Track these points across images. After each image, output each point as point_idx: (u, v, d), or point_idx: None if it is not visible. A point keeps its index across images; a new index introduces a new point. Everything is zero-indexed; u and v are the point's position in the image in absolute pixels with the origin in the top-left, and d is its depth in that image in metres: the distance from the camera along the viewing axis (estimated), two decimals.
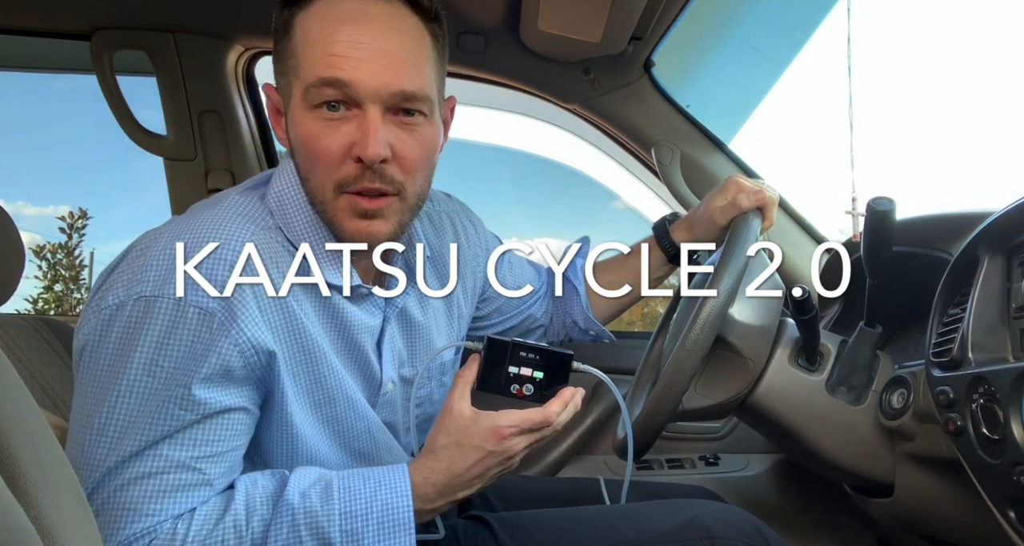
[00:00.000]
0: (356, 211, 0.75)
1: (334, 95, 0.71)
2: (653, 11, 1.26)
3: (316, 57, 0.71)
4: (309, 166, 0.74)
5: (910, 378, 0.92)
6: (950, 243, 0.96)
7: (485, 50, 1.43)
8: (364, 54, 0.71)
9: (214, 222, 0.73)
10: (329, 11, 0.73)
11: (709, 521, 0.84)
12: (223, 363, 0.69)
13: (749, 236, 0.95)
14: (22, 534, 0.30)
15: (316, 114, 0.72)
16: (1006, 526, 0.72)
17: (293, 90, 0.73)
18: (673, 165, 1.49)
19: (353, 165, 0.73)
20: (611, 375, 1.59)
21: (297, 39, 0.73)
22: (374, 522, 0.72)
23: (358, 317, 0.81)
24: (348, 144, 0.72)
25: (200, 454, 0.70)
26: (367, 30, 0.72)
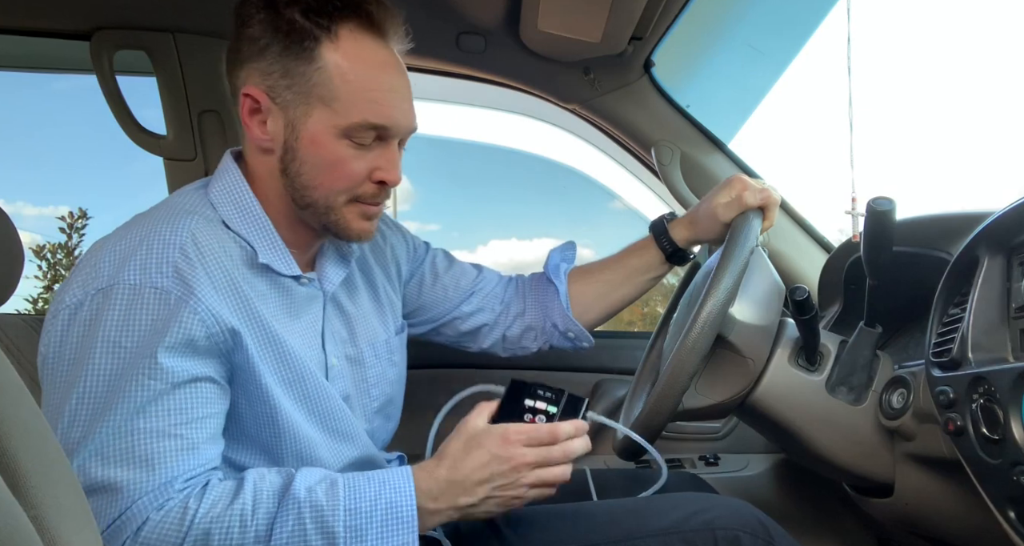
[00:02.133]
0: (364, 215, 0.88)
1: (376, 135, 0.84)
2: (653, 11, 1.26)
3: (361, 101, 0.82)
4: (325, 179, 0.84)
5: (910, 378, 0.92)
6: (950, 243, 0.96)
7: (485, 50, 1.43)
8: (398, 102, 0.85)
9: (160, 218, 0.80)
10: (364, 55, 0.83)
11: (711, 514, 0.84)
12: (185, 333, 0.74)
13: (750, 235, 0.95)
14: (22, 534, 0.30)
15: (346, 143, 0.83)
16: (1006, 526, 0.72)
17: (315, 113, 0.82)
18: (673, 165, 1.49)
19: (372, 185, 0.86)
20: (611, 375, 1.61)
21: (332, 73, 0.81)
22: (378, 519, 0.73)
23: (304, 301, 0.88)
24: (372, 168, 0.85)
25: (177, 421, 0.73)
26: (398, 78, 0.86)
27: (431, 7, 1.36)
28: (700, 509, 0.86)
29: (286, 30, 0.81)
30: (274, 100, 0.83)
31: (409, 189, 14.61)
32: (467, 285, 1.18)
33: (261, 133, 0.84)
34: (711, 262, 1.07)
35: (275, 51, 0.81)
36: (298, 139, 0.83)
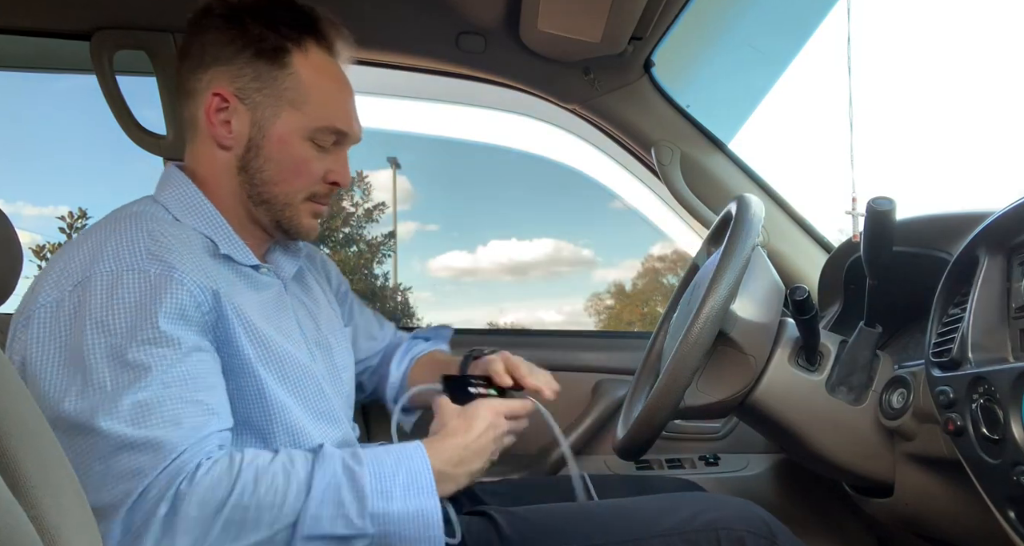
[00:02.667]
0: (314, 213, 0.95)
1: (335, 140, 0.93)
2: (653, 11, 1.26)
3: (327, 108, 0.91)
4: (287, 176, 0.91)
5: (910, 378, 0.92)
6: (950, 243, 0.96)
7: (485, 50, 1.43)
8: (354, 113, 0.96)
9: (115, 221, 0.83)
10: (328, 69, 0.93)
11: (715, 514, 0.85)
12: (177, 303, 0.77)
13: (751, 232, 0.95)
14: (22, 534, 0.30)
15: (309, 144, 0.91)
16: (1006, 526, 0.72)
17: (284, 114, 0.89)
18: (673, 165, 1.49)
19: (326, 185, 0.94)
20: (611, 375, 1.61)
21: (303, 79, 0.89)
22: (400, 483, 0.78)
23: (266, 289, 0.92)
24: (326, 170, 0.93)
25: (195, 387, 0.75)
26: (351, 93, 0.97)
27: (431, 7, 1.36)
28: (703, 509, 0.86)
29: (257, 38, 0.88)
30: (243, 101, 0.88)
31: (409, 189, 14.61)
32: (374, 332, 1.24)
33: (225, 131, 0.89)
34: (711, 262, 1.07)
35: (246, 56, 0.88)
36: (264, 138, 0.89)
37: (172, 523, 0.69)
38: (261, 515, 0.72)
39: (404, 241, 13.77)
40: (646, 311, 12.57)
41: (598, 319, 13.62)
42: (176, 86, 0.94)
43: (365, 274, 12.46)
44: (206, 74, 0.89)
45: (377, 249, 12.48)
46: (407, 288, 12.78)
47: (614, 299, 13.74)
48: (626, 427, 1.05)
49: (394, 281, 12.71)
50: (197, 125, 0.91)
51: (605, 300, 13.89)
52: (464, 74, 1.52)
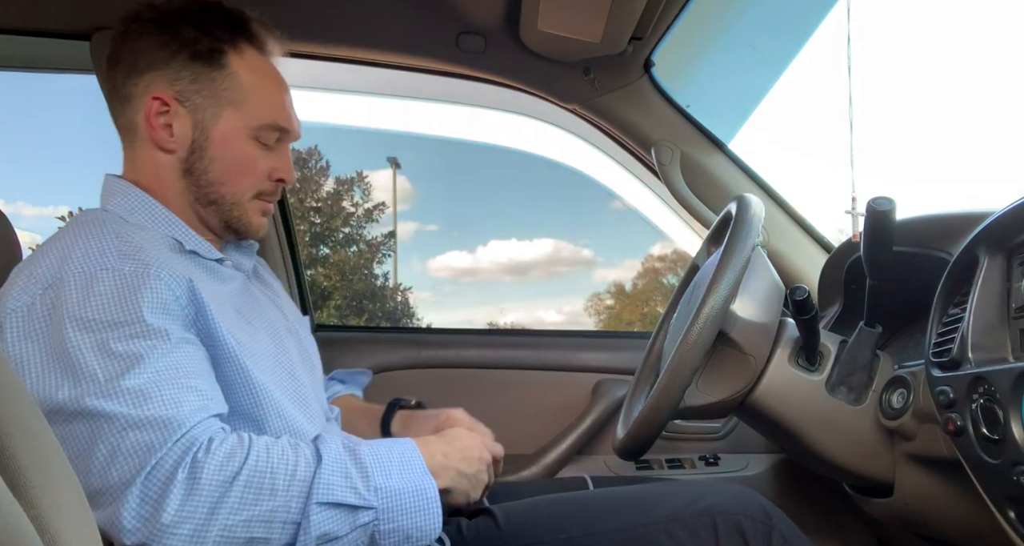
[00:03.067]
0: (263, 211, 0.96)
1: (278, 137, 0.94)
2: (653, 11, 1.26)
3: (268, 105, 0.92)
4: (234, 176, 0.91)
5: (910, 378, 0.92)
6: (950, 243, 0.96)
7: (485, 50, 1.43)
8: (292, 110, 0.97)
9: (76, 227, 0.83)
10: (265, 68, 0.94)
11: (712, 500, 0.85)
12: (157, 297, 0.77)
13: (751, 232, 0.95)
14: (22, 534, 0.30)
15: (254, 143, 0.92)
16: (1006, 526, 0.72)
17: (225, 114, 0.90)
18: (673, 165, 1.49)
19: (272, 183, 0.95)
20: (611, 375, 1.61)
21: (241, 79, 0.91)
22: (396, 462, 0.79)
23: (232, 282, 0.93)
24: (271, 168, 0.94)
25: (188, 373, 0.75)
26: (288, 92, 0.97)
27: (431, 7, 1.36)
28: (700, 496, 0.87)
29: (192, 41, 0.89)
30: (183, 103, 0.89)
31: (409, 189, 14.60)
32: None
33: (166, 134, 0.89)
34: (711, 262, 1.07)
35: (182, 59, 0.88)
36: (207, 139, 0.90)
37: (193, 487, 0.69)
38: (276, 481, 0.72)
39: (404, 241, 13.78)
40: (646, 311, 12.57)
41: (598, 319, 13.61)
42: (107, 94, 0.94)
43: (365, 274, 12.46)
44: (142, 79, 0.89)
45: (377, 249, 12.49)
46: (407, 288, 12.77)
47: (614, 299, 13.74)
48: (626, 427, 1.06)
49: (394, 281, 12.71)
50: (136, 131, 0.90)
51: (605, 300, 13.89)
52: (464, 74, 1.52)
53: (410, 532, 0.76)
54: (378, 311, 12.07)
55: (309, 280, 1.53)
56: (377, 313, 12.02)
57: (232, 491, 0.70)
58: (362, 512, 0.74)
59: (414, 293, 13.32)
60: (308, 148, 11.39)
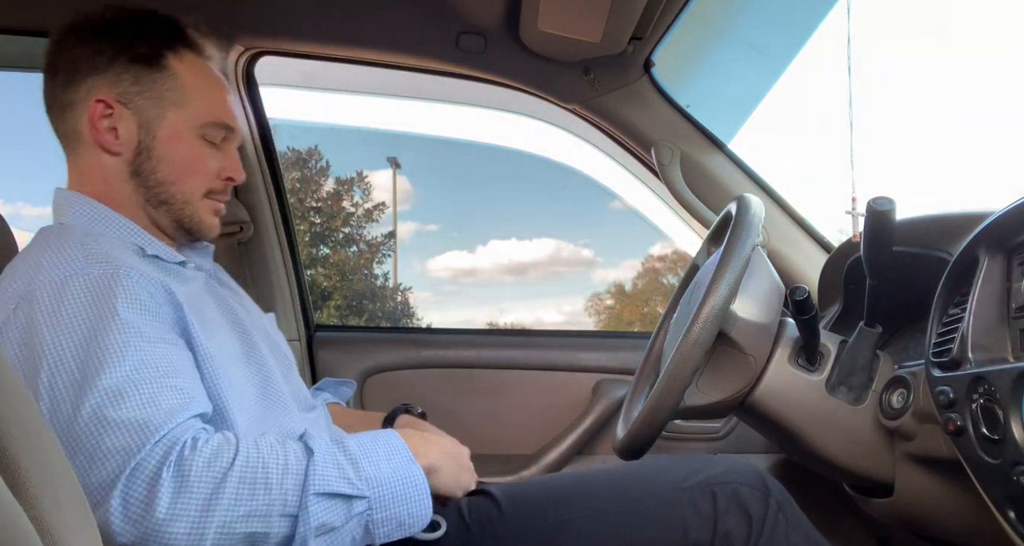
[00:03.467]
0: (215, 211, 0.97)
1: (223, 136, 0.95)
2: (653, 11, 1.26)
3: (211, 103, 0.94)
4: (183, 174, 0.92)
5: (910, 378, 0.92)
6: (950, 243, 0.96)
7: (485, 50, 1.43)
8: (233, 111, 0.97)
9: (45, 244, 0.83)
10: (203, 69, 0.96)
11: (708, 473, 0.86)
12: (132, 295, 0.77)
13: (751, 233, 0.95)
14: (22, 534, 0.30)
15: (201, 141, 0.93)
16: (1006, 526, 0.72)
17: (170, 114, 0.91)
18: (673, 165, 1.49)
19: (221, 182, 0.96)
20: (611, 375, 1.61)
21: (183, 79, 0.92)
22: (382, 451, 0.79)
23: (196, 283, 0.93)
24: (220, 167, 0.95)
25: (169, 372, 0.75)
26: (228, 90, 0.98)
27: (431, 7, 1.36)
28: (698, 469, 0.88)
29: (130, 46, 0.90)
30: (126, 105, 0.89)
31: (409, 189, 14.61)
32: None
33: (111, 137, 0.90)
34: (711, 262, 1.07)
35: (122, 62, 0.89)
36: (154, 139, 0.90)
37: (182, 485, 0.69)
38: (269, 475, 0.72)
39: (404, 241, 13.76)
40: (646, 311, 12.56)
41: (598, 319, 13.61)
42: (48, 104, 0.94)
43: (365, 274, 12.46)
44: (83, 85, 0.89)
45: (377, 249, 12.49)
46: (407, 288, 12.77)
47: (614, 299, 13.73)
48: (626, 427, 1.06)
49: (394, 281, 12.71)
50: (80, 137, 0.91)
51: (605, 300, 13.88)
52: (464, 74, 1.52)
53: (402, 519, 0.77)
54: (378, 311, 12.06)
55: (309, 280, 1.52)
56: (377, 313, 12.01)
57: (226, 486, 0.70)
58: (356, 501, 0.74)
59: (414, 293, 13.31)
60: (308, 148, 11.39)
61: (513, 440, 1.61)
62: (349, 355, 1.63)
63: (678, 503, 0.84)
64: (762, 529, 0.83)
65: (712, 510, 0.83)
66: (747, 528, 0.82)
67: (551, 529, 0.85)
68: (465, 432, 1.60)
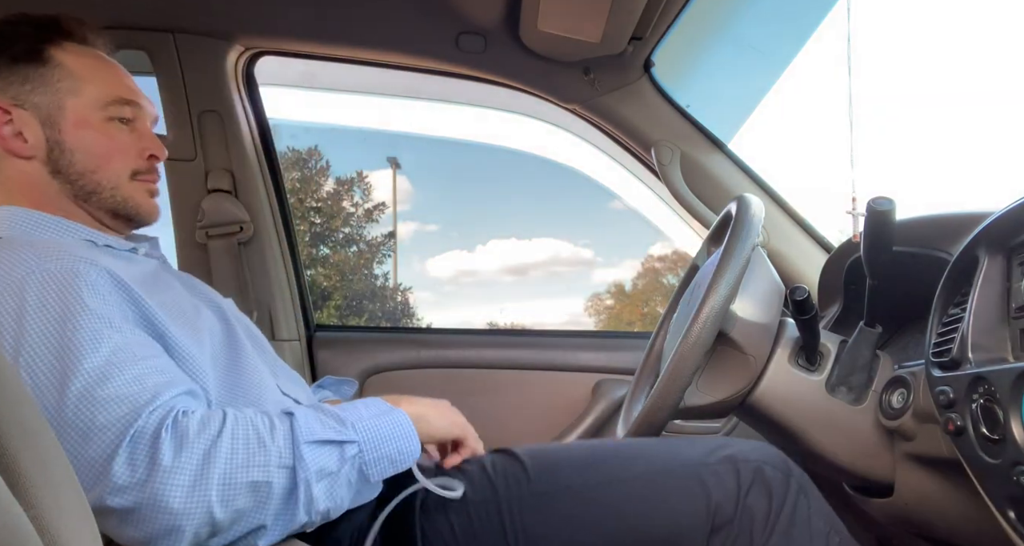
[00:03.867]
0: (149, 192, 0.96)
1: (129, 113, 0.94)
2: (653, 11, 1.26)
3: (106, 82, 0.93)
4: (102, 160, 0.91)
5: (910, 378, 0.92)
6: (950, 243, 0.96)
7: (485, 50, 1.43)
8: (133, 86, 0.97)
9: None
10: (92, 53, 0.95)
11: (731, 450, 0.87)
12: (92, 285, 0.76)
13: (751, 233, 0.95)
14: (22, 534, 0.30)
15: (112, 123, 0.92)
16: (1006, 526, 0.72)
17: (68, 103, 0.90)
18: (673, 165, 1.49)
19: (145, 161, 0.95)
20: (611, 375, 1.61)
21: (70, 68, 0.91)
22: (361, 406, 0.80)
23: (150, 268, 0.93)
24: (140, 148, 0.94)
25: (146, 355, 0.74)
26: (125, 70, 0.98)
27: (431, 7, 1.36)
28: (721, 446, 0.88)
29: (9, 46, 0.90)
30: (22, 106, 0.89)
31: (409, 189, 14.60)
32: None
33: (19, 142, 0.89)
34: (711, 262, 1.07)
35: (5, 63, 0.89)
36: (61, 131, 0.90)
37: (182, 441, 0.69)
38: (260, 433, 0.73)
39: (404, 241, 13.75)
40: (646, 311, 12.55)
41: (598, 319, 13.60)
42: None
43: (365, 274, 12.46)
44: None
45: (377, 249, 12.48)
46: (407, 288, 12.76)
47: (614, 299, 13.73)
48: (626, 427, 1.06)
49: (394, 281, 12.70)
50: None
51: (605, 300, 13.88)
52: (464, 74, 1.52)
53: (393, 456, 0.78)
54: (378, 311, 12.06)
55: (309, 280, 1.53)
56: (377, 313, 12.01)
57: (220, 443, 0.70)
58: (347, 446, 0.75)
59: (414, 293, 13.30)
60: (308, 148, 11.39)
61: (513, 440, 1.60)
62: (349, 355, 1.63)
63: (703, 474, 0.84)
64: (782, 508, 0.83)
65: (736, 484, 0.83)
66: (768, 505, 0.83)
67: (577, 491, 0.85)
68: None
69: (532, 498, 0.85)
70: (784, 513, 0.83)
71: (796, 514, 0.83)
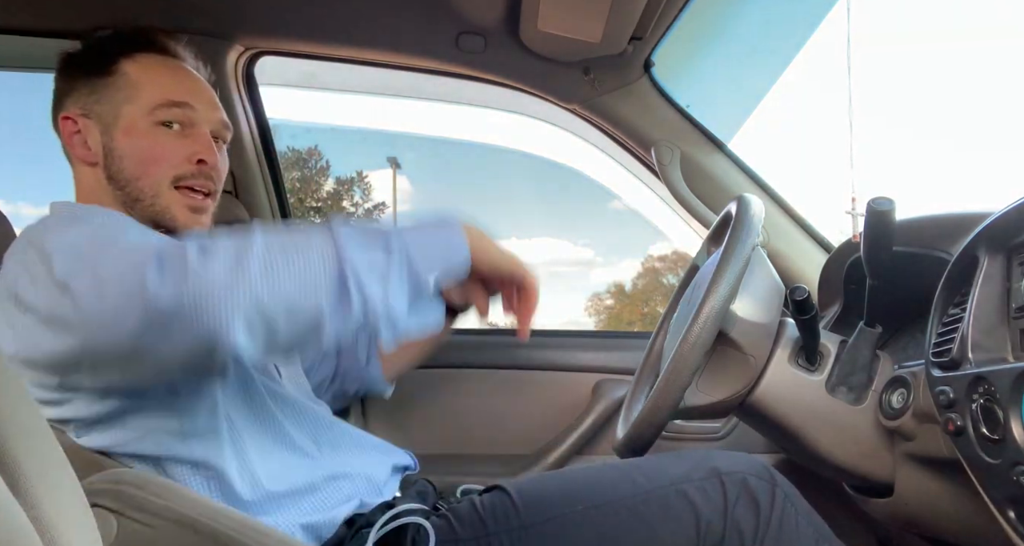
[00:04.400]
0: (190, 207, 0.94)
1: (180, 116, 0.93)
2: (653, 11, 1.26)
3: (164, 87, 0.94)
4: (145, 167, 0.92)
5: (910, 378, 0.92)
6: (950, 243, 0.96)
7: (485, 50, 1.43)
8: (196, 90, 0.97)
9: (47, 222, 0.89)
10: (165, 63, 0.97)
11: (715, 463, 0.87)
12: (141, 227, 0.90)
13: (751, 233, 0.95)
14: (22, 534, 0.30)
15: (160, 128, 0.93)
16: (1006, 526, 0.72)
17: (123, 110, 0.92)
18: (673, 165, 1.49)
19: (192, 165, 0.94)
20: (611, 375, 1.61)
21: (132, 76, 0.94)
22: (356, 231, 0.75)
23: None
24: (189, 152, 0.93)
25: None
26: (192, 75, 0.99)
27: (431, 7, 1.36)
28: (706, 459, 0.88)
29: (84, 60, 0.96)
30: (88, 116, 0.94)
31: (409, 189, 14.61)
32: None
33: (84, 150, 0.94)
34: (711, 262, 1.07)
35: (79, 77, 0.95)
36: (113, 138, 0.93)
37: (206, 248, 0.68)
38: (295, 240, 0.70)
39: None
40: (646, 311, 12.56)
41: (598, 319, 13.60)
42: None
43: None
44: (59, 110, 0.96)
45: None
46: None
47: (614, 299, 13.73)
48: (626, 427, 1.05)
49: None
50: (70, 157, 0.97)
51: (605, 300, 13.88)
52: (464, 74, 1.52)
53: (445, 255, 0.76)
54: None
55: None
56: None
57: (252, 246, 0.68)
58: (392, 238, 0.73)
59: None
60: (308, 148, 11.39)
61: (513, 440, 1.60)
62: None
63: (689, 492, 0.84)
64: (770, 518, 0.83)
65: (722, 498, 0.84)
66: (755, 517, 0.83)
67: (566, 519, 0.85)
68: (465, 432, 1.61)
69: (521, 531, 0.85)
70: (772, 524, 0.83)
71: (784, 523, 0.84)
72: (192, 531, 0.69)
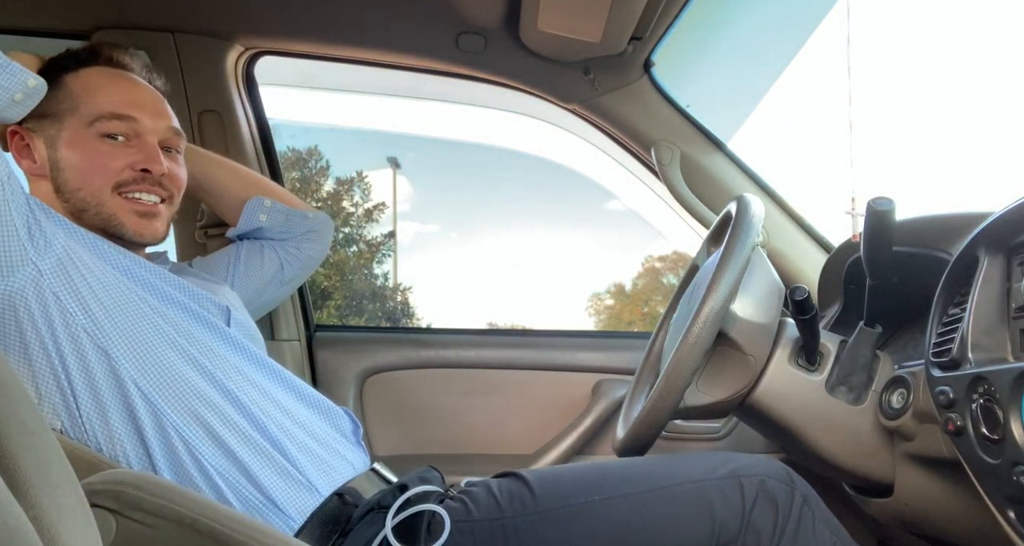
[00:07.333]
0: (136, 212, 0.95)
1: (122, 128, 0.95)
2: (653, 11, 1.26)
3: (102, 98, 0.95)
4: (86, 176, 0.93)
5: (910, 378, 0.92)
6: (950, 243, 0.96)
7: (485, 50, 1.43)
8: (140, 99, 0.98)
9: None
10: (107, 73, 0.98)
11: (735, 465, 0.87)
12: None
13: (751, 233, 0.95)
14: (22, 534, 0.30)
15: (103, 140, 0.94)
16: (1006, 526, 0.72)
17: (66, 122, 0.94)
18: (673, 165, 1.49)
19: (133, 172, 0.94)
20: (611, 375, 1.61)
21: (73, 89, 0.95)
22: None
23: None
24: (131, 162, 0.94)
25: None
26: (137, 85, 1.00)
27: (431, 7, 1.36)
28: (725, 461, 0.88)
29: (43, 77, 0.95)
30: (32, 130, 0.95)
31: (409, 189, 14.61)
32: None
33: (32, 164, 0.96)
34: (711, 262, 1.07)
35: None
36: (57, 149, 0.94)
37: None
38: None
39: (404, 241, 13.75)
40: (646, 311, 12.55)
41: (598, 319, 13.60)
42: None
43: (365, 274, 12.46)
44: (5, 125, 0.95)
45: (377, 249, 12.48)
46: (407, 288, 12.76)
47: (614, 299, 13.73)
48: (626, 427, 1.06)
49: (394, 281, 12.70)
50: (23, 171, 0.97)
51: (605, 300, 13.88)
52: (464, 74, 1.52)
53: None
54: (378, 311, 12.06)
55: (309, 280, 1.52)
56: (377, 313, 12.00)
57: None
58: None
59: (414, 293, 13.30)
60: (308, 148, 11.39)
61: (513, 440, 1.61)
62: (349, 355, 1.63)
63: (706, 490, 0.84)
64: (787, 521, 0.83)
65: (740, 500, 0.84)
66: (774, 519, 0.83)
67: (582, 508, 0.85)
68: (465, 432, 1.61)
69: (537, 515, 0.85)
70: (789, 527, 0.83)
71: (801, 527, 0.84)
72: (192, 531, 0.68)
